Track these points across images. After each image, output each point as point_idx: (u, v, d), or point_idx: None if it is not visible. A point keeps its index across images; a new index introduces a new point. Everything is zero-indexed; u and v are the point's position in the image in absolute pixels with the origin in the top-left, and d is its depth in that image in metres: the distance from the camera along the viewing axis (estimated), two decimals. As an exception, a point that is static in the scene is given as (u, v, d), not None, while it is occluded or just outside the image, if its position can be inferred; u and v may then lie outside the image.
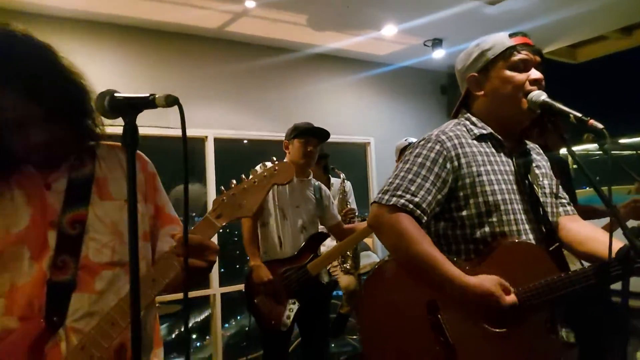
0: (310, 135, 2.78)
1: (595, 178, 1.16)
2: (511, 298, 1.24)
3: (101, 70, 3.60)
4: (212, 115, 4.12)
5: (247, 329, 3.09)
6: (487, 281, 1.24)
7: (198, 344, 4.87)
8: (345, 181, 3.75)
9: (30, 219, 1.05)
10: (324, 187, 3.02)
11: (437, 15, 3.96)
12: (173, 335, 5.20)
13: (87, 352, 1.00)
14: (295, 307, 2.61)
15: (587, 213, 2.42)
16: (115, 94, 0.83)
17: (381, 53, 4.90)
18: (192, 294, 3.94)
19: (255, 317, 2.72)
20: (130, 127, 0.82)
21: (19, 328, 1.00)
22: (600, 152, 1.23)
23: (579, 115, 1.22)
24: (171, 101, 0.79)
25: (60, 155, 1.11)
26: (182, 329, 5.15)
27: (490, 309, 1.24)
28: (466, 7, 3.85)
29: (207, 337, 3.76)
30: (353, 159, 5.08)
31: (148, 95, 0.82)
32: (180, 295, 3.77)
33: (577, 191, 2.87)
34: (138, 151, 1.20)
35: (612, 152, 1.21)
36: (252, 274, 2.67)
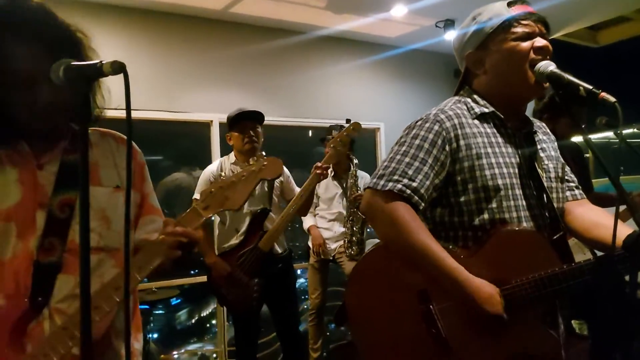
0: (243, 120, 2.83)
1: (620, 168, 1.07)
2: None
3: (103, 53, 3.54)
4: (217, 99, 4.04)
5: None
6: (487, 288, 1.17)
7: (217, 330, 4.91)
8: (358, 170, 3.71)
9: (21, 196, 1.07)
10: None
11: (449, -6, 3.81)
12: (193, 321, 5.24)
13: (68, 333, 1.02)
14: (258, 284, 2.72)
15: (603, 200, 2.37)
16: (72, 63, 0.78)
17: (391, 35, 4.75)
18: (199, 279, 3.92)
19: (226, 307, 2.92)
20: (83, 99, 0.78)
21: (4, 305, 1.02)
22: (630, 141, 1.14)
23: (590, 87, 1.10)
24: (117, 67, 0.74)
25: (57, 134, 1.13)
26: (202, 314, 5.27)
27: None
28: (479, -15, 3.69)
29: (228, 323, 3.84)
30: (362, 145, 4.98)
31: (97, 62, 0.76)
32: (178, 281, 3.80)
33: (597, 180, 2.75)
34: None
35: (634, 140, 1.11)
36: (212, 271, 2.77)
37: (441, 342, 1.20)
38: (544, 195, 1.30)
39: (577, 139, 2.73)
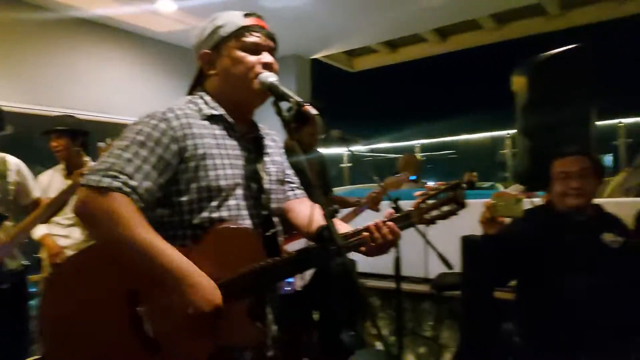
0: None
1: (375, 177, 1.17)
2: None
3: None
4: None
5: None
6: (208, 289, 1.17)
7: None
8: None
9: None
10: (11, 161, 2.55)
11: (215, -1, 3.86)
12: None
13: None
14: None
15: (339, 203, 2.76)
16: None
17: (160, 30, 4.61)
18: None
19: None
20: None
21: None
22: (371, 154, 1.29)
23: (299, 99, 1.22)
24: None
25: None
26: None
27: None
28: (244, -6, 3.83)
29: None
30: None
31: None
32: None
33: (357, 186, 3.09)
34: None
35: (372, 154, 1.26)
36: None
37: (150, 344, 1.16)
38: (264, 196, 1.39)
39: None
